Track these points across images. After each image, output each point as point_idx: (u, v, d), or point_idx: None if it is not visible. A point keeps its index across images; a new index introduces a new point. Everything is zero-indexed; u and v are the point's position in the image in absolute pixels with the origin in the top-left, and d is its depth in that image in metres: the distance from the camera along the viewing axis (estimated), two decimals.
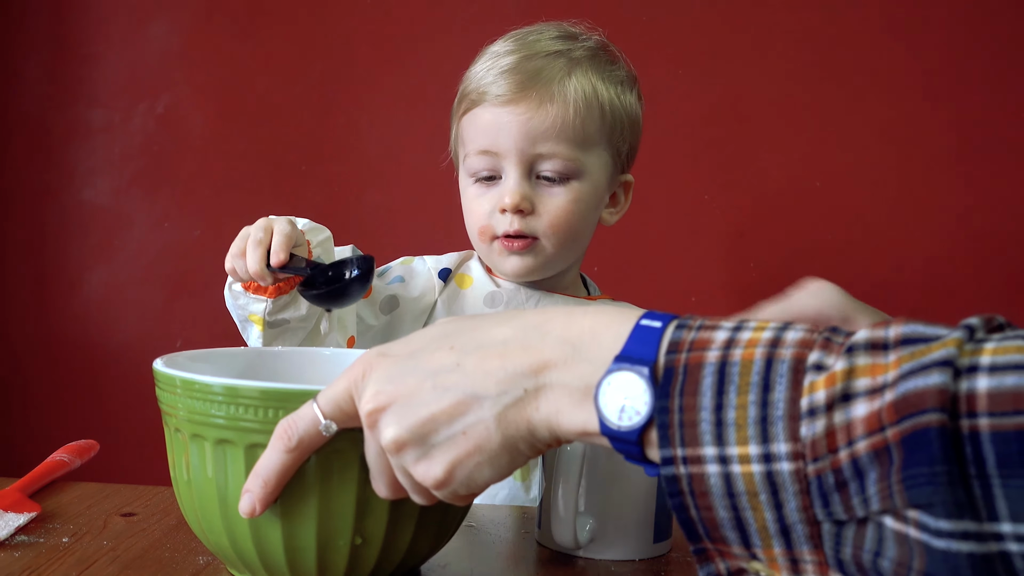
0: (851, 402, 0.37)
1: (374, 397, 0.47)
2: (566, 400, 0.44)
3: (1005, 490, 0.34)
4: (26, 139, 1.75)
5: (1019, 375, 0.35)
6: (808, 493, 0.38)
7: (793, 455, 0.38)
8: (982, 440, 0.34)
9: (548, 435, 0.45)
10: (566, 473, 0.65)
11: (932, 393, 0.35)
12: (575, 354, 0.45)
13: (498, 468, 0.47)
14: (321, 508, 0.53)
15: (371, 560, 0.56)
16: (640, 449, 0.43)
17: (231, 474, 0.54)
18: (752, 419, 0.39)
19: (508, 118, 0.93)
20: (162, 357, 0.60)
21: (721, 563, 0.42)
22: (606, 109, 0.96)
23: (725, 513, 0.40)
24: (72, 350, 1.75)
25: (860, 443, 0.37)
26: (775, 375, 0.39)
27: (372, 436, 0.49)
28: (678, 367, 0.41)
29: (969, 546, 0.34)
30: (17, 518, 0.68)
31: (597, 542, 0.68)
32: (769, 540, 0.39)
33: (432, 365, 0.47)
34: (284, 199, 1.71)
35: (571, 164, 0.94)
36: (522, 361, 0.45)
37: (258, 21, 1.71)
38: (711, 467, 0.40)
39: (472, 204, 0.98)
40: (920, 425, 0.35)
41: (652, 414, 0.41)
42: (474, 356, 0.46)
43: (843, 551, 0.38)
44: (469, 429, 0.46)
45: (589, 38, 1.00)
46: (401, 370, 0.48)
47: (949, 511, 0.34)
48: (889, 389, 0.37)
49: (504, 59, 0.96)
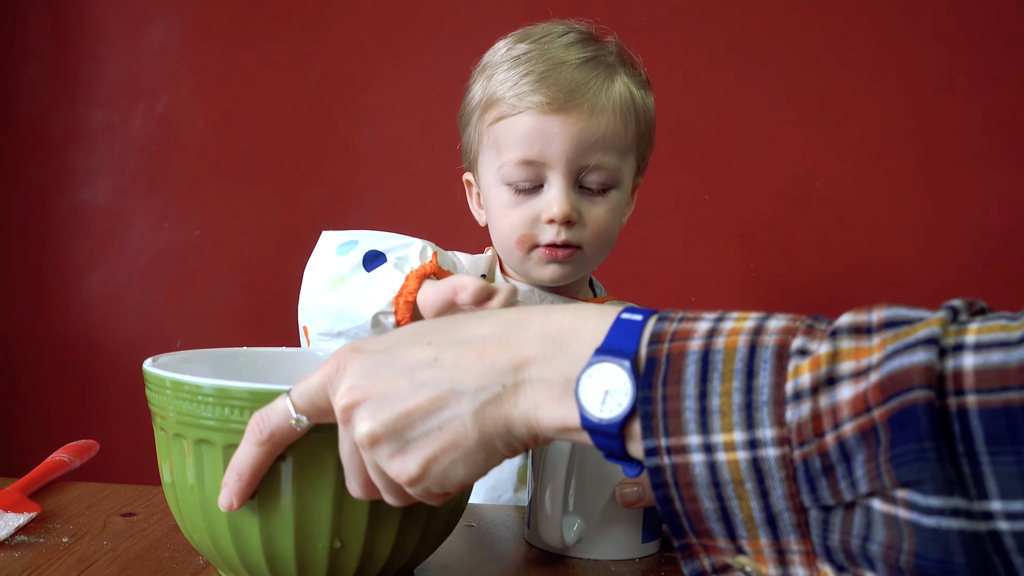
0: (836, 385, 0.37)
1: (349, 392, 0.47)
2: (546, 395, 0.44)
3: (994, 467, 0.33)
4: (26, 139, 1.75)
5: (1005, 352, 0.34)
6: (795, 479, 0.38)
7: (779, 440, 0.38)
8: (970, 417, 0.34)
9: (526, 432, 0.45)
10: (554, 473, 0.65)
11: (918, 371, 0.35)
12: (555, 349, 0.44)
13: (473, 466, 0.46)
14: (298, 511, 0.53)
15: (351, 564, 0.55)
16: (621, 443, 0.42)
17: (216, 478, 0.54)
18: (737, 406, 0.38)
19: (558, 128, 0.90)
20: (152, 358, 0.59)
21: (706, 559, 0.41)
22: (640, 116, 0.96)
23: (710, 504, 0.39)
24: (72, 350, 1.75)
25: (846, 425, 0.36)
26: (759, 361, 0.39)
27: (346, 432, 0.48)
28: (660, 357, 0.41)
29: (959, 523, 0.34)
30: (17, 518, 0.68)
31: (585, 542, 0.68)
32: (755, 531, 0.39)
33: (409, 360, 0.46)
34: (284, 199, 1.71)
35: (615, 174, 0.93)
36: (501, 357, 0.45)
37: (258, 21, 1.71)
38: (696, 456, 0.39)
39: (509, 213, 0.93)
40: (907, 403, 0.35)
41: (634, 404, 0.41)
42: (452, 351, 0.46)
43: (831, 538, 0.37)
44: (445, 425, 0.45)
45: (610, 40, 0.99)
46: (377, 365, 0.47)
47: (939, 487, 0.34)
48: (874, 371, 0.36)
49: (537, 64, 0.92)
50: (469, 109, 0.98)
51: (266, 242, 1.70)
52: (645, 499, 0.67)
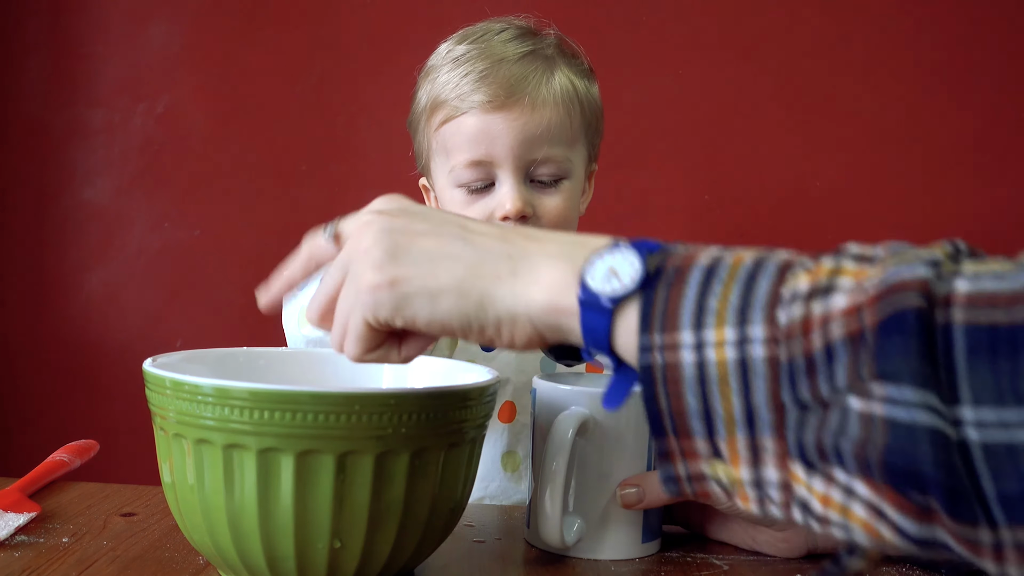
0: (832, 294, 0.38)
1: (376, 213, 0.50)
2: (547, 268, 0.45)
3: (970, 377, 0.34)
4: (26, 139, 1.75)
5: (998, 281, 0.35)
6: (777, 379, 0.38)
7: (768, 339, 0.38)
8: (954, 332, 0.34)
9: (504, 309, 0.45)
10: (554, 473, 0.65)
11: (914, 282, 0.36)
12: (572, 241, 0.46)
13: (433, 311, 0.46)
14: (298, 511, 0.53)
15: (351, 564, 0.55)
16: (609, 326, 0.42)
17: (217, 478, 0.54)
18: (732, 306, 0.39)
19: (501, 125, 0.91)
20: (152, 358, 0.59)
21: (682, 466, 0.42)
22: (584, 104, 0.96)
23: (694, 401, 0.40)
24: (72, 350, 1.75)
25: (835, 330, 0.37)
26: (762, 272, 0.40)
27: (347, 245, 0.50)
28: (668, 268, 0.42)
29: (932, 419, 0.34)
30: (17, 518, 0.68)
31: (585, 542, 0.68)
32: (734, 429, 0.39)
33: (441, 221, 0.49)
34: (284, 199, 1.71)
35: (564, 165, 0.93)
36: (523, 244, 0.46)
37: (258, 21, 1.71)
38: (686, 353, 0.40)
39: (463, 213, 0.94)
40: (898, 308, 0.35)
41: (637, 286, 0.42)
42: (481, 238, 0.47)
43: (805, 435, 0.38)
44: (438, 268, 0.46)
45: (549, 33, 0.99)
46: (410, 213, 0.50)
47: (916, 381, 0.34)
48: (873, 287, 0.37)
49: (477, 63, 0.93)
50: (416, 114, 1.00)
51: (266, 242, 1.70)
52: (645, 501, 0.67)
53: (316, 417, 0.52)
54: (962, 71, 1.57)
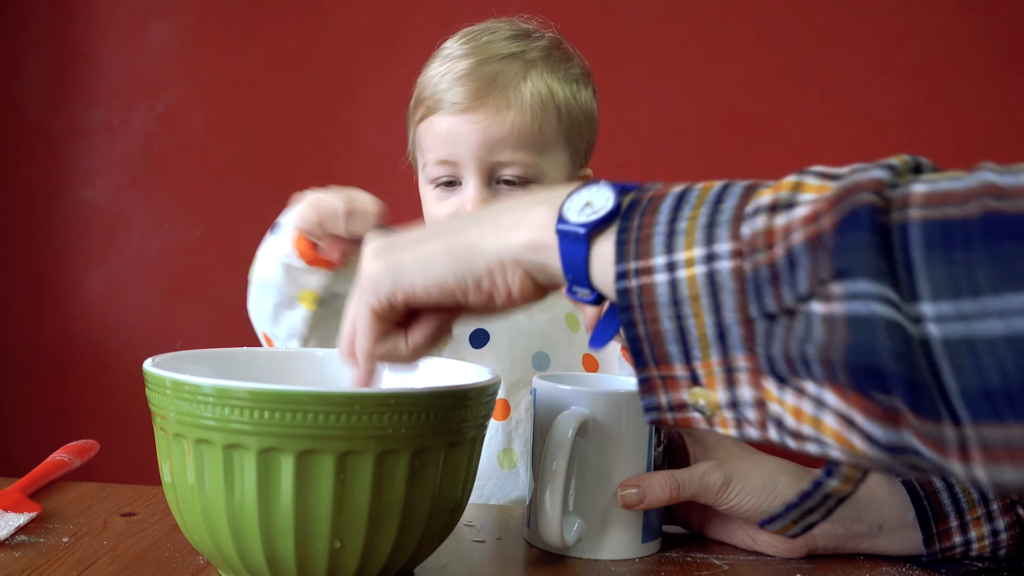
0: (794, 207, 0.39)
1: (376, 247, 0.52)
2: (526, 211, 0.47)
3: (928, 271, 0.34)
4: (26, 139, 1.75)
5: (953, 182, 0.36)
6: (744, 291, 0.39)
7: (733, 253, 0.39)
8: (910, 228, 0.35)
9: (491, 253, 0.47)
10: (554, 473, 0.65)
11: (869, 182, 0.36)
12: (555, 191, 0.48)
13: (428, 274, 0.49)
14: (298, 511, 0.53)
15: (351, 564, 0.55)
16: (587, 254, 0.44)
17: (217, 478, 0.54)
18: (700, 225, 0.40)
19: (466, 127, 0.92)
20: (152, 358, 0.59)
21: (663, 395, 0.42)
22: (562, 110, 0.95)
23: (669, 323, 0.41)
24: (72, 350, 1.75)
25: (796, 235, 0.38)
26: (728, 193, 0.41)
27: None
28: (643, 200, 0.44)
29: (889, 311, 0.34)
30: (17, 518, 0.68)
31: (585, 542, 0.68)
32: (707, 349, 0.40)
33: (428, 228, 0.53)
34: (284, 199, 1.70)
35: (531, 169, 0.93)
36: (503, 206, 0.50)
37: (258, 21, 1.71)
38: (659, 276, 0.41)
39: (432, 210, 0.97)
40: (854, 206, 0.36)
41: (611, 214, 0.44)
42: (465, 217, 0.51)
43: (773, 346, 0.38)
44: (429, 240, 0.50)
45: (542, 36, 0.99)
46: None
47: (871, 274, 0.34)
48: (831, 193, 0.38)
49: (459, 63, 0.94)
50: (409, 110, 1.02)
51: None
52: (645, 501, 0.67)
53: (316, 417, 0.52)
54: (962, 71, 1.57)
